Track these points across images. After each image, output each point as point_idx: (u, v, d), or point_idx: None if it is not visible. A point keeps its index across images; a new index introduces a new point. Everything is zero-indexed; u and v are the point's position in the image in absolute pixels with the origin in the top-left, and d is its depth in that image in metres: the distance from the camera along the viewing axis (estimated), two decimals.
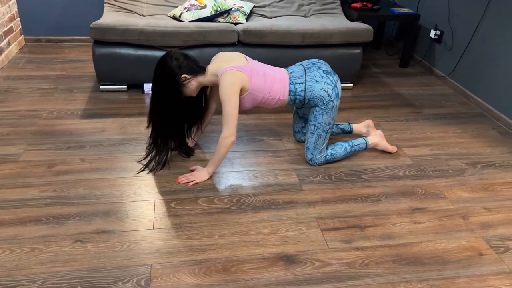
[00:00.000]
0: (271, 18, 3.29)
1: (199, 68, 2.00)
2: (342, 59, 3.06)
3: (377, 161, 2.32)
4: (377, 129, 2.64)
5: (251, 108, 2.12)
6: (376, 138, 2.33)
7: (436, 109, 2.97)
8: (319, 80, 2.05)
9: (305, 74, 2.06)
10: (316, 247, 1.72)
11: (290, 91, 2.05)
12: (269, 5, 3.38)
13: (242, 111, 2.09)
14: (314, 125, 2.13)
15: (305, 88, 2.04)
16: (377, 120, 2.77)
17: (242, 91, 1.98)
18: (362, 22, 3.27)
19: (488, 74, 2.93)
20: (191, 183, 2.06)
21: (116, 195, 1.95)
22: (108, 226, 1.77)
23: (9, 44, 3.43)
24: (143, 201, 1.93)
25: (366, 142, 2.29)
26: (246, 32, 2.88)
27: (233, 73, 1.92)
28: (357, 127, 2.47)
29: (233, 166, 2.22)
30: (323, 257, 1.67)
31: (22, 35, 3.76)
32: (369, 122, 2.46)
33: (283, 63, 3.00)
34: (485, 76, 2.96)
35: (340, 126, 2.46)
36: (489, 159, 2.39)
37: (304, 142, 2.46)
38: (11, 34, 3.49)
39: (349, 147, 2.25)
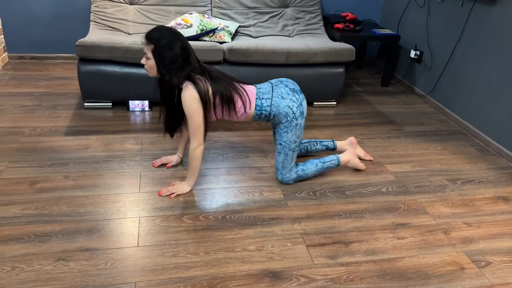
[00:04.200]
0: (256, 37, 3.35)
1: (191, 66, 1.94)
2: (325, 78, 3.13)
3: (360, 177, 2.36)
4: (360, 146, 2.68)
5: (219, 118, 2.12)
6: (348, 155, 2.36)
7: (417, 127, 3.04)
8: (285, 97, 2.08)
9: (272, 90, 2.10)
10: (301, 263, 1.72)
11: (256, 105, 2.08)
12: (254, 25, 3.45)
13: (212, 120, 2.09)
14: (280, 144, 2.15)
15: (271, 104, 2.08)
16: (359, 137, 2.82)
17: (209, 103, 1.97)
18: (345, 42, 3.36)
19: (466, 93, 3.02)
20: (172, 195, 2.07)
21: (100, 213, 1.93)
22: (91, 244, 1.75)
23: None
24: (127, 218, 1.91)
25: (338, 159, 2.31)
26: (231, 51, 2.93)
27: (193, 86, 1.92)
28: (340, 144, 2.51)
29: (218, 183, 2.22)
30: (308, 273, 1.68)
31: (6, 52, 3.74)
32: (352, 139, 2.51)
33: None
34: (463, 95, 3.05)
35: (324, 143, 2.49)
36: (469, 175, 2.45)
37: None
38: None
39: (320, 164, 2.27)
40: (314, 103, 3.26)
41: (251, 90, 2.10)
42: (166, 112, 2.17)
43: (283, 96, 2.08)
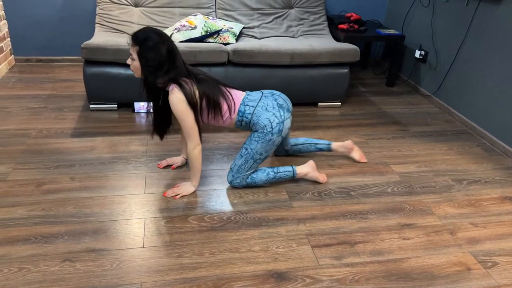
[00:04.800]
0: (260, 38, 3.35)
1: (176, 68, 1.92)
2: (330, 79, 3.12)
3: (365, 178, 2.35)
4: (365, 146, 2.68)
5: (205, 123, 2.10)
6: (306, 168, 2.23)
7: (422, 127, 3.03)
8: (270, 110, 2.05)
9: (260, 100, 2.08)
10: (306, 264, 1.72)
11: (239, 111, 2.06)
12: (258, 26, 3.45)
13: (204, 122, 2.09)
14: (246, 149, 2.10)
15: (252, 112, 2.05)
16: (364, 137, 2.82)
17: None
18: (349, 42, 3.36)
19: (472, 92, 3.01)
20: (177, 196, 2.08)
21: (106, 214, 1.94)
22: (97, 244, 1.76)
23: None
24: (133, 219, 1.92)
25: (293, 171, 2.20)
26: (236, 52, 2.93)
27: (179, 89, 1.91)
28: (336, 146, 2.45)
29: (223, 184, 2.22)
30: (313, 273, 1.68)
31: (12, 55, 3.77)
32: (348, 144, 2.44)
33: (272, 83, 3.05)
34: (469, 94, 3.04)
35: (319, 146, 2.44)
36: (475, 176, 2.44)
37: (284, 155, 2.50)
38: (1, 54, 3.50)
39: (272, 173, 2.17)
40: (319, 103, 3.26)
41: (237, 95, 2.09)
42: (153, 114, 2.15)
43: (267, 108, 2.05)
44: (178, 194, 2.09)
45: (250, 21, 3.47)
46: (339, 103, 3.29)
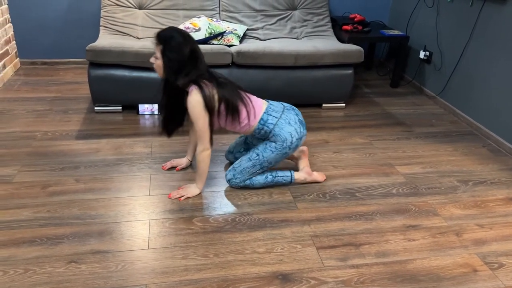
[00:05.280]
0: (264, 40, 3.36)
1: (198, 70, 1.94)
2: (334, 80, 3.12)
3: (370, 179, 2.35)
4: (369, 147, 2.67)
5: (222, 126, 2.09)
6: (303, 175, 2.24)
7: (427, 128, 3.02)
8: (292, 124, 2.06)
9: (283, 112, 2.08)
10: (311, 266, 1.72)
11: (261, 119, 2.05)
12: (262, 28, 3.46)
13: (215, 128, 2.06)
14: (257, 155, 2.09)
15: (276, 123, 2.05)
16: (369, 139, 2.81)
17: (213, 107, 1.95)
18: (353, 43, 3.35)
19: (477, 93, 2.99)
20: (182, 198, 2.08)
21: (111, 215, 1.95)
22: (102, 246, 1.76)
23: (4, 66, 3.46)
24: (137, 221, 1.93)
25: (291, 176, 2.20)
26: (239, 54, 2.94)
27: (199, 91, 1.91)
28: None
29: (227, 185, 2.22)
30: (318, 275, 1.67)
31: (18, 58, 3.79)
32: (303, 148, 2.35)
33: (276, 84, 3.05)
34: (474, 95, 3.02)
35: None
36: (481, 177, 2.42)
37: (230, 162, 2.44)
38: (7, 57, 3.52)
39: (270, 177, 2.17)
40: (323, 105, 3.25)
41: (257, 102, 2.08)
42: (166, 113, 2.15)
43: (290, 122, 2.07)
44: (183, 196, 2.09)
45: (253, 22, 3.47)
46: (343, 104, 3.28)
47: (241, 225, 1.93)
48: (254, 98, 2.09)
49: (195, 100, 1.91)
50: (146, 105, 2.99)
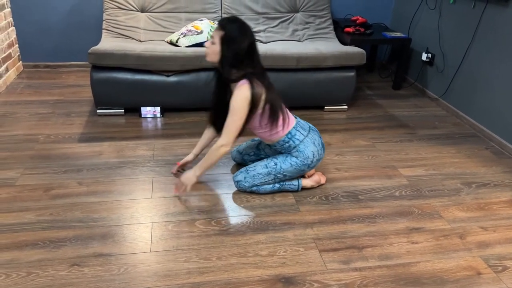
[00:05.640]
0: (266, 42, 3.36)
1: (255, 64, 1.93)
2: (336, 82, 3.12)
3: (373, 181, 2.34)
4: (372, 150, 2.66)
5: (251, 129, 2.08)
6: (310, 183, 2.23)
7: (430, 130, 3.01)
8: (316, 145, 2.10)
9: (309, 131, 2.11)
10: (314, 268, 1.71)
11: (289, 132, 2.06)
12: (264, 30, 3.46)
13: (249, 127, 2.05)
14: (276, 164, 2.10)
15: (302, 140, 2.07)
16: (372, 141, 2.80)
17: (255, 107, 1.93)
18: (355, 46, 3.35)
19: (480, 95, 2.99)
20: (186, 190, 2.07)
21: (113, 218, 1.95)
22: (105, 249, 1.76)
23: (7, 70, 3.47)
24: (140, 224, 1.93)
25: (298, 185, 2.19)
26: None
27: (250, 87, 1.89)
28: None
29: (230, 188, 2.22)
30: (321, 278, 1.67)
31: (20, 61, 3.81)
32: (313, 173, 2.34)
33: (278, 87, 3.05)
34: (477, 97, 3.02)
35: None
36: (484, 179, 2.41)
37: (236, 163, 2.44)
38: (10, 60, 3.53)
39: (278, 185, 2.16)
40: (325, 107, 3.25)
41: (291, 116, 2.12)
42: (214, 106, 2.11)
43: (314, 143, 2.10)
44: (184, 187, 2.05)
45: (256, 25, 3.48)
46: (346, 107, 3.28)
47: (244, 228, 1.93)
48: (289, 112, 2.12)
49: (243, 94, 1.87)
50: (148, 108, 3.00)
